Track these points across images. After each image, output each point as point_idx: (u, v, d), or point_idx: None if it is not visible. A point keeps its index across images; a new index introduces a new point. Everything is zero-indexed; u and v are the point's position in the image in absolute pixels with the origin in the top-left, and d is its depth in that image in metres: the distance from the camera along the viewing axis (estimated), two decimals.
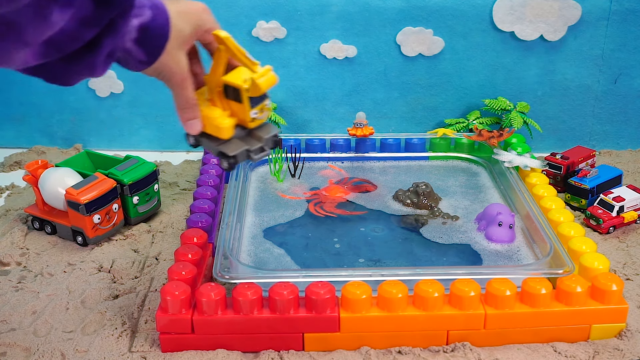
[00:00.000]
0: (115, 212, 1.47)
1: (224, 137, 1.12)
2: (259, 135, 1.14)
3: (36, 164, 1.52)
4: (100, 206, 1.43)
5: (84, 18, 0.82)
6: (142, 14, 0.94)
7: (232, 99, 1.11)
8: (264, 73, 1.08)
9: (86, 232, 1.43)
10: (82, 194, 1.40)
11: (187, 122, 1.10)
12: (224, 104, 1.12)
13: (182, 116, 1.09)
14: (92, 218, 1.42)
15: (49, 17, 0.77)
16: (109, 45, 0.89)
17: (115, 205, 1.46)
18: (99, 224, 1.43)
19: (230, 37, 1.05)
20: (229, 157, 1.12)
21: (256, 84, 1.07)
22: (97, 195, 1.42)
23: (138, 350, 1.17)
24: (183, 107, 1.08)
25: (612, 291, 1.16)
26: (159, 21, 0.96)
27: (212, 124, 1.12)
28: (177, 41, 1.01)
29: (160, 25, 0.97)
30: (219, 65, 1.09)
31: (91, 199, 1.41)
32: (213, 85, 1.11)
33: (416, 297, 1.16)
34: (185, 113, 1.09)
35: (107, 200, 1.44)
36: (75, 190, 1.41)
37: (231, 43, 1.05)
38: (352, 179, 1.67)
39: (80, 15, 0.82)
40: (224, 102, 1.12)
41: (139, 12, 0.93)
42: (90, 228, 1.42)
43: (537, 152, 1.86)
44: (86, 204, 1.40)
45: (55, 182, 1.46)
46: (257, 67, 1.08)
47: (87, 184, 1.43)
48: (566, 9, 1.76)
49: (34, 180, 1.50)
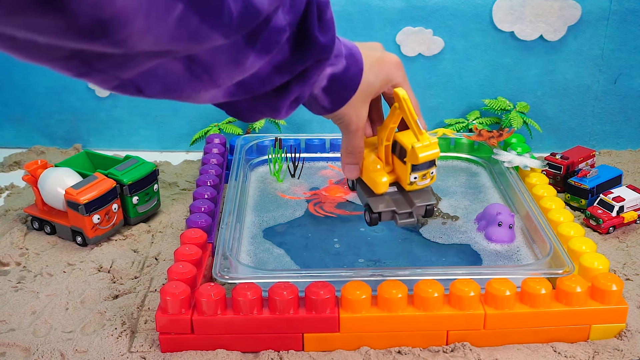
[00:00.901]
0: (114, 212, 1.47)
1: (377, 192, 1.14)
2: (412, 200, 1.15)
3: (35, 164, 1.52)
4: (100, 206, 1.43)
5: (278, 65, 0.81)
6: (337, 64, 0.93)
7: (397, 156, 1.14)
8: (428, 144, 1.08)
9: (86, 232, 1.43)
10: (82, 194, 1.40)
11: (347, 166, 1.12)
12: (389, 158, 1.15)
13: (344, 159, 1.11)
14: (91, 218, 1.42)
15: (244, 62, 0.76)
16: (296, 91, 0.88)
17: (114, 205, 1.46)
18: (98, 224, 1.43)
19: (408, 98, 1.06)
20: (372, 212, 1.15)
21: (415, 152, 1.08)
22: (96, 196, 1.42)
23: (138, 351, 1.17)
24: (348, 151, 1.09)
25: (612, 291, 1.16)
26: (352, 72, 0.95)
27: (370, 176, 1.14)
28: (363, 94, 1.00)
29: (352, 77, 0.96)
30: (392, 121, 1.11)
31: (91, 199, 1.41)
32: (383, 137, 1.13)
33: (416, 297, 1.16)
34: (348, 157, 1.10)
35: (106, 200, 1.44)
36: (74, 190, 1.41)
37: (407, 104, 1.06)
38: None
39: (275, 61, 0.81)
40: (388, 157, 1.15)
41: (334, 61, 0.92)
42: (89, 228, 1.42)
43: (537, 152, 1.86)
44: (86, 204, 1.40)
45: (54, 182, 1.46)
46: (423, 135, 1.08)
47: (86, 184, 1.43)
48: (566, 9, 1.76)
49: (34, 180, 1.50)
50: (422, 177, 1.14)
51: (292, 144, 1.73)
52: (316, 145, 1.75)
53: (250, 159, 1.71)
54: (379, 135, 1.15)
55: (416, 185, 1.14)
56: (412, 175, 1.12)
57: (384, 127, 1.13)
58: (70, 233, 1.47)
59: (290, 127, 1.92)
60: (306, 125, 1.93)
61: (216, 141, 1.75)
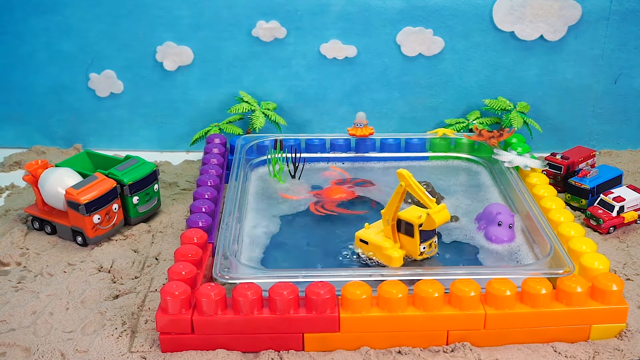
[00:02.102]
0: (115, 212, 1.47)
1: (395, 266, 1.28)
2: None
3: (36, 164, 1.52)
4: (100, 206, 1.43)
5: None
6: None
7: (403, 233, 1.30)
8: (439, 210, 1.25)
9: (86, 232, 1.43)
10: (82, 194, 1.40)
11: None
12: (395, 236, 1.30)
13: None
14: (92, 218, 1.42)
15: None
16: None
17: (115, 205, 1.46)
18: (98, 224, 1.43)
19: (411, 175, 1.25)
20: None
21: (431, 219, 1.24)
22: (97, 196, 1.42)
23: (138, 351, 1.17)
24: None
25: (612, 291, 1.16)
26: None
27: (384, 253, 1.29)
28: None
29: None
30: (395, 202, 1.27)
31: (91, 199, 1.41)
32: (389, 218, 1.29)
33: (416, 297, 1.16)
34: None
35: (107, 200, 1.44)
36: (75, 190, 1.41)
37: (413, 181, 1.25)
38: (354, 179, 1.67)
39: None
40: (395, 235, 1.30)
41: None
42: (90, 228, 1.42)
43: (537, 152, 1.86)
44: (86, 204, 1.40)
45: (55, 182, 1.46)
46: (433, 204, 1.24)
47: (87, 184, 1.43)
48: (566, 9, 1.76)
49: (34, 180, 1.50)
50: (429, 247, 1.30)
51: (292, 144, 1.73)
52: (316, 145, 1.75)
53: (250, 159, 1.71)
54: (384, 217, 1.30)
55: (426, 255, 1.30)
56: (422, 246, 1.29)
57: (388, 208, 1.28)
58: (70, 233, 1.47)
59: (290, 127, 1.92)
60: (306, 125, 1.93)
61: (216, 141, 1.75)
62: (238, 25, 1.82)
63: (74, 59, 1.87)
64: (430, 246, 1.30)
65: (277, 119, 1.84)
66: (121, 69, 1.88)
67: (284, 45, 1.84)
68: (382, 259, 1.30)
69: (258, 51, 1.84)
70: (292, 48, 1.85)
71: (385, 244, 1.29)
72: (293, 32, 1.83)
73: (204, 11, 1.81)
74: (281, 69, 1.87)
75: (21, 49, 1.86)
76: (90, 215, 1.42)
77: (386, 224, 1.30)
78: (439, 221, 1.24)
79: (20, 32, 1.84)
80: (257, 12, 1.81)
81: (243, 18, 1.81)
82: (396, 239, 1.30)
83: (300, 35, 1.83)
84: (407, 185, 1.25)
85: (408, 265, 1.31)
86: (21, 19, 1.83)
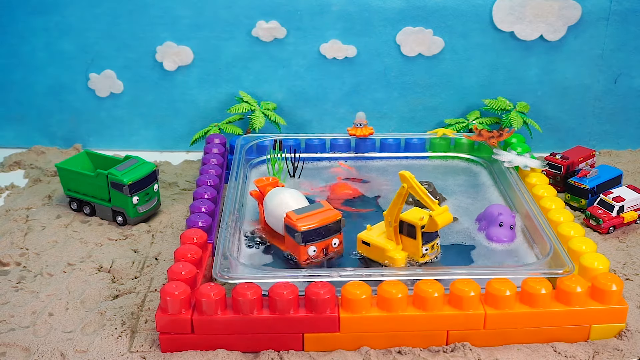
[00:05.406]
0: (334, 247, 1.33)
1: (397, 266, 1.28)
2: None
3: (266, 180, 1.46)
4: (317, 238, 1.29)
5: None
6: None
7: (405, 235, 1.30)
8: (441, 211, 1.24)
9: (298, 259, 1.30)
10: (301, 220, 1.30)
11: None
12: (397, 238, 1.30)
13: None
14: (307, 249, 1.29)
15: None
16: None
17: (335, 240, 1.32)
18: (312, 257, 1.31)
19: (414, 176, 1.24)
20: None
21: (434, 220, 1.23)
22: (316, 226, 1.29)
23: (138, 351, 1.17)
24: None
25: (612, 291, 1.16)
26: None
27: (387, 255, 1.29)
28: None
29: None
30: (398, 204, 1.27)
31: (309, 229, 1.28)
32: (391, 219, 1.29)
33: (416, 297, 1.16)
34: None
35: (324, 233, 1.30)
36: (295, 215, 1.30)
37: (415, 182, 1.24)
38: (361, 180, 1.67)
39: None
40: (397, 237, 1.30)
41: None
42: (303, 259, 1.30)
43: (537, 152, 1.86)
44: (303, 232, 1.28)
45: (280, 203, 1.37)
46: (435, 205, 1.25)
47: (308, 212, 1.31)
48: (566, 9, 1.76)
49: (260, 196, 1.44)
50: (431, 249, 1.30)
51: (292, 144, 1.73)
52: (316, 145, 1.75)
53: (250, 159, 1.71)
54: (386, 219, 1.30)
55: (427, 257, 1.30)
56: (424, 248, 1.28)
57: (390, 210, 1.28)
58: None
59: (290, 127, 1.92)
60: (306, 125, 1.93)
61: (216, 141, 1.75)
62: (238, 25, 1.82)
63: (74, 59, 1.87)
64: (433, 248, 1.30)
65: (277, 119, 1.84)
66: (121, 69, 1.88)
67: (284, 45, 1.84)
68: (385, 260, 1.30)
69: (258, 51, 1.85)
70: (292, 48, 1.85)
71: (388, 245, 1.29)
72: (293, 32, 1.83)
73: (203, 11, 1.81)
74: (281, 69, 1.87)
75: (21, 49, 1.86)
76: (306, 246, 1.30)
77: (388, 226, 1.30)
78: (441, 223, 1.24)
79: (20, 32, 1.84)
80: (257, 12, 1.81)
81: (243, 18, 1.81)
82: (398, 241, 1.30)
83: (300, 36, 1.83)
84: (410, 187, 1.25)
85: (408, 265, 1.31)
86: (21, 19, 1.83)
